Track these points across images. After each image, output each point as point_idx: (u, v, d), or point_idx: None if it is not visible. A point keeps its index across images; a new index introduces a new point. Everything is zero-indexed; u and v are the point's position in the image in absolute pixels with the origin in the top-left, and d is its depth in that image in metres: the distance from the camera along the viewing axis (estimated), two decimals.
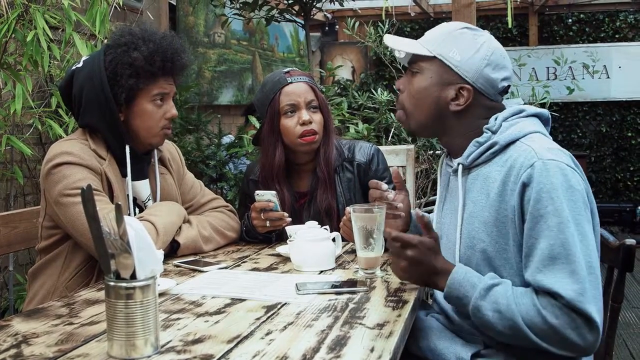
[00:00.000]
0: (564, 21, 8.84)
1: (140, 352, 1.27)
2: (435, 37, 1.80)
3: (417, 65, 1.81)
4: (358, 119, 4.28)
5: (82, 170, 2.05)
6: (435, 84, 1.77)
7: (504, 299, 1.57)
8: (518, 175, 1.60)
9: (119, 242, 1.27)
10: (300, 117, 2.41)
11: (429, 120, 1.81)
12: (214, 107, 5.93)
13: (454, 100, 1.76)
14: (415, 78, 1.81)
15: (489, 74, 1.73)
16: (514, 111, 1.76)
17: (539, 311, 1.52)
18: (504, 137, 1.69)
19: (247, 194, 2.59)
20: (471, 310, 1.61)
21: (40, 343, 1.37)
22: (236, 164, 4.21)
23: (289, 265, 2.08)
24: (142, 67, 2.11)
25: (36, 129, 3.31)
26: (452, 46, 1.75)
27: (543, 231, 1.55)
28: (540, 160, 1.58)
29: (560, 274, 1.51)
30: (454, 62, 1.74)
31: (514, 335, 1.57)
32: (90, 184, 1.32)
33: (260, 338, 1.38)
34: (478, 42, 1.75)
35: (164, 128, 2.21)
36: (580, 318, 1.50)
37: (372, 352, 1.29)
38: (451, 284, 1.64)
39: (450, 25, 1.82)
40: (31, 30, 2.85)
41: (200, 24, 6.00)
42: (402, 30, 8.90)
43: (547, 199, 1.55)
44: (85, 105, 2.15)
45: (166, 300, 1.69)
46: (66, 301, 1.71)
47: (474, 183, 1.74)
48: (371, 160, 2.51)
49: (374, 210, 1.90)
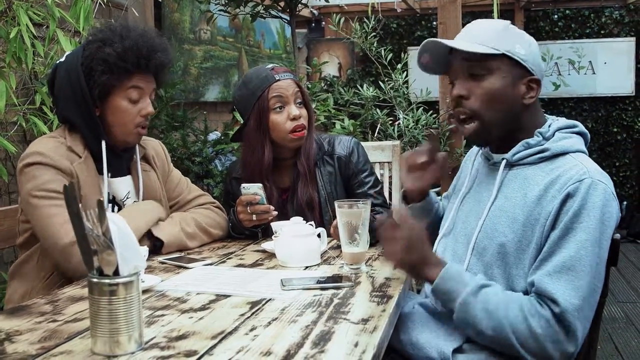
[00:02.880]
0: (550, 17, 8.86)
1: (124, 348, 1.27)
2: (494, 35, 1.75)
3: (485, 65, 1.74)
4: (344, 115, 4.29)
5: (51, 171, 2.05)
6: (509, 82, 1.74)
7: (494, 299, 1.61)
8: (565, 185, 1.63)
9: (102, 238, 1.26)
10: (289, 112, 2.42)
11: (506, 119, 1.77)
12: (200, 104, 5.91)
13: (527, 94, 1.76)
14: (485, 81, 1.74)
15: (540, 64, 1.78)
16: (569, 124, 1.79)
17: (525, 318, 1.56)
18: (557, 147, 1.72)
19: (230, 192, 2.59)
20: (458, 305, 1.63)
21: (23, 340, 1.36)
22: (222, 161, 4.20)
23: (274, 261, 2.08)
24: (115, 64, 2.10)
25: (20, 127, 3.29)
26: (515, 41, 1.74)
27: (569, 243, 1.59)
28: (591, 179, 1.62)
29: (566, 284, 1.56)
30: (522, 56, 1.73)
31: (496, 336, 1.60)
32: (72, 182, 1.31)
33: (245, 334, 1.38)
34: (526, 35, 1.79)
35: (139, 126, 2.19)
36: (564, 332, 1.54)
37: (356, 347, 1.29)
38: (444, 275, 1.65)
39: (495, 23, 1.79)
40: (14, 27, 2.83)
41: (186, 20, 5.97)
42: (389, 27, 8.90)
43: (585, 215, 1.59)
44: (63, 100, 2.16)
45: (151, 296, 1.69)
46: (50, 298, 1.71)
47: (513, 180, 1.76)
48: (351, 153, 2.52)
49: (359, 205, 1.91)
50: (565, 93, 8.39)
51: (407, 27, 9.06)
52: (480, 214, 1.79)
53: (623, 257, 6.35)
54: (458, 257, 1.81)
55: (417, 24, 9.04)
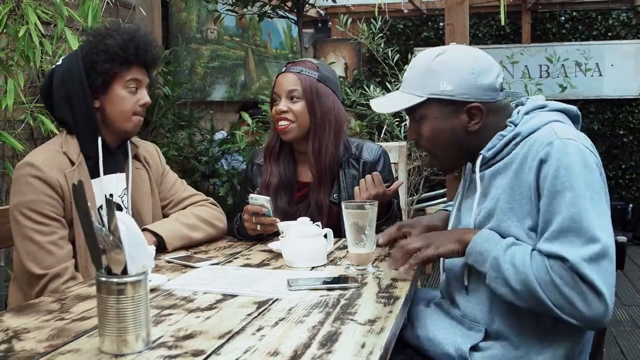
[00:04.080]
0: (557, 19, 8.85)
1: (131, 347, 1.27)
2: (418, 79, 1.79)
3: (417, 113, 1.80)
4: (351, 116, 4.29)
5: (38, 187, 2.07)
6: (444, 120, 1.77)
7: (520, 254, 1.59)
8: (536, 154, 1.62)
9: (110, 237, 1.27)
10: (277, 106, 2.47)
11: (457, 152, 1.82)
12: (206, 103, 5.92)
13: (469, 122, 1.76)
14: (423, 126, 1.81)
15: (483, 83, 1.74)
16: (537, 105, 1.77)
17: (547, 271, 1.54)
18: (526, 127, 1.71)
19: (249, 178, 2.62)
20: (489, 263, 1.63)
21: (31, 338, 1.37)
22: (228, 160, 4.21)
23: (280, 262, 2.08)
24: (117, 53, 2.17)
25: (28, 125, 3.30)
26: (438, 79, 1.74)
27: (559, 206, 1.57)
28: (559, 139, 1.61)
29: (570, 243, 1.53)
30: (449, 92, 1.73)
31: (526, 291, 1.57)
32: (81, 181, 1.32)
33: (252, 334, 1.38)
34: (456, 61, 1.75)
35: (137, 114, 2.25)
36: (586, 285, 1.50)
37: (363, 348, 1.29)
38: (477, 238, 1.68)
39: (424, 60, 1.79)
40: (23, 26, 2.84)
41: (193, 20, 5.98)
42: (395, 28, 8.90)
43: (564, 175, 1.57)
44: (59, 101, 2.21)
45: (158, 296, 1.69)
46: (57, 297, 1.71)
47: (495, 175, 1.75)
48: (377, 161, 2.53)
49: (366, 206, 1.91)
50: (572, 95, 8.37)
51: (413, 28, 9.07)
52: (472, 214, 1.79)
53: (629, 260, 6.33)
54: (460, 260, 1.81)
55: (424, 25, 9.05)
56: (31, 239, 2.03)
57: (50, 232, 2.06)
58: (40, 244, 2.03)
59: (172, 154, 3.87)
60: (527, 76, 8.16)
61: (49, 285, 2.00)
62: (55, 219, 2.08)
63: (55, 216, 2.08)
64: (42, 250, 2.03)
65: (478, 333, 1.74)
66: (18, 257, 2.08)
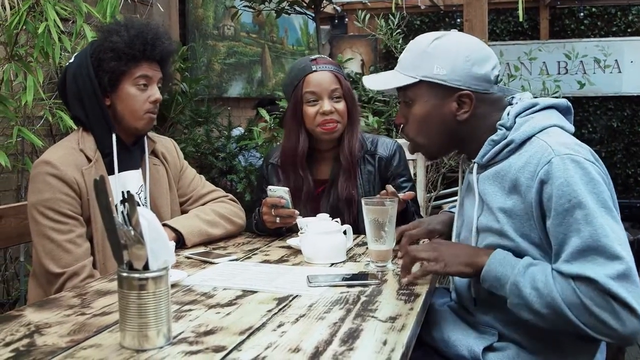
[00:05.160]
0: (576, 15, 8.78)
1: (152, 343, 1.27)
2: (412, 61, 1.76)
3: (408, 94, 1.78)
4: (368, 112, 4.27)
5: (55, 185, 2.07)
6: (434, 105, 1.74)
7: (541, 276, 1.53)
8: (535, 172, 1.57)
9: (132, 232, 1.27)
10: (321, 106, 2.42)
11: (444, 140, 1.79)
12: (223, 100, 5.93)
13: (459, 110, 1.73)
14: (412, 108, 1.78)
15: (477, 72, 1.71)
16: (527, 105, 1.72)
17: (574, 291, 1.48)
18: (519, 135, 1.66)
19: (264, 177, 2.60)
20: (509, 288, 1.57)
21: (52, 333, 1.37)
22: (246, 157, 4.20)
23: (299, 258, 2.07)
24: (123, 51, 2.16)
25: (47, 121, 3.31)
26: (432, 62, 1.71)
27: (571, 225, 1.51)
28: (558, 157, 1.55)
29: (591, 262, 1.48)
30: (441, 77, 1.71)
31: (553, 314, 1.52)
32: (102, 176, 1.31)
33: (272, 330, 1.38)
34: (453, 47, 1.72)
35: (148, 112, 2.23)
36: (617, 304, 1.45)
37: (384, 345, 1.28)
38: (492, 262, 1.61)
39: (420, 43, 1.77)
40: (42, 22, 2.85)
41: (210, 16, 5.99)
42: (412, 24, 8.87)
43: (569, 193, 1.51)
44: (72, 98, 2.21)
45: (177, 291, 1.69)
46: (78, 292, 1.71)
47: (489, 179, 1.71)
48: (393, 156, 2.51)
49: (386, 203, 1.89)
50: (591, 92, 8.32)
51: (430, 24, 9.04)
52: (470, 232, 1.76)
53: None
54: None
55: (441, 21, 9.01)
56: (49, 237, 2.04)
57: (68, 231, 2.06)
58: (58, 242, 2.03)
59: (190, 151, 3.87)
60: (545, 73, 8.11)
61: (66, 283, 2.00)
62: (72, 217, 2.08)
63: (72, 214, 2.08)
64: (59, 249, 2.03)
65: (492, 336, 1.72)
66: (36, 255, 2.09)
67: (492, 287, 1.63)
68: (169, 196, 2.38)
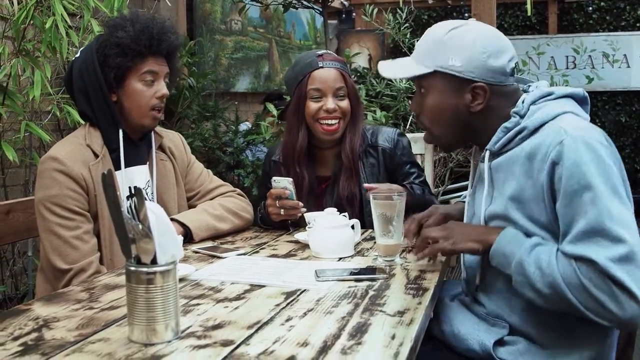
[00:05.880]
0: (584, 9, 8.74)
1: (160, 337, 1.26)
2: (428, 50, 1.75)
3: (422, 83, 1.77)
4: (376, 107, 4.26)
5: (62, 181, 2.07)
6: (447, 96, 1.73)
7: (545, 256, 1.54)
8: (547, 154, 1.56)
9: (140, 226, 1.26)
10: (325, 104, 2.40)
11: (457, 131, 1.78)
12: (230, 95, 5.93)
13: (473, 102, 1.72)
14: (426, 98, 1.77)
15: (493, 65, 1.69)
16: (542, 93, 1.71)
17: (576, 274, 1.48)
18: (533, 121, 1.65)
19: (268, 174, 2.59)
20: (514, 267, 1.58)
21: (61, 327, 1.37)
22: (253, 151, 4.20)
23: (307, 252, 2.07)
24: (128, 46, 2.14)
25: (54, 116, 3.32)
26: (448, 53, 1.70)
27: (578, 207, 1.51)
28: (570, 137, 1.54)
29: (596, 245, 1.48)
30: (456, 68, 1.69)
31: (554, 294, 1.52)
32: (110, 170, 1.31)
33: (281, 324, 1.37)
34: (469, 38, 1.70)
35: (154, 108, 2.21)
36: (617, 287, 1.45)
37: (393, 339, 1.28)
38: (501, 239, 1.62)
39: (436, 32, 1.75)
40: (49, 17, 2.85)
41: (217, 11, 5.98)
42: (420, 18, 8.85)
43: (578, 174, 1.50)
44: (78, 93, 2.20)
45: (185, 285, 1.69)
46: (86, 286, 1.72)
47: (501, 166, 1.71)
48: (396, 145, 2.49)
49: (394, 197, 1.89)
50: (599, 87, 8.28)
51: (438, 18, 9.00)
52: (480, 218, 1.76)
53: None
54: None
55: (449, 16, 8.98)
56: (56, 234, 2.04)
57: (75, 227, 2.06)
58: (65, 239, 2.03)
59: (197, 145, 3.87)
60: (553, 67, 8.08)
61: (73, 279, 2.00)
62: (79, 213, 2.08)
63: (79, 210, 2.08)
64: (66, 245, 2.03)
65: (502, 329, 1.71)
66: (43, 251, 2.09)
67: (500, 265, 1.64)
68: (175, 191, 2.37)
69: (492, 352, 1.68)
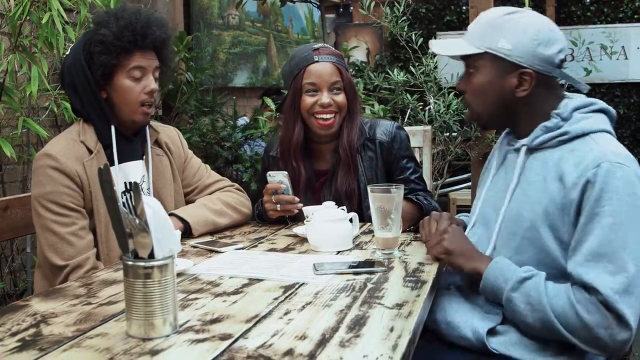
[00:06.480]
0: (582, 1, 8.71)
1: (158, 331, 1.26)
2: (480, 31, 1.78)
3: (471, 63, 1.80)
4: (374, 100, 4.26)
5: (57, 178, 2.07)
6: (494, 77, 1.76)
7: (535, 292, 1.59)
8: (584, 172, 1.60)
9: (137, 221, 1.26)
10: (320, 98, 2.39)
11: (499, 112, 1.81)
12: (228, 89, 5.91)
13: (518, 87, 1.75)
14: (473, 77, 1.80)
15: (543, 53, 1.71)
16: (586, 102, 1.75)
17: (572, 305, 1.54)
18: (576, 129, 1.69)
19: (267, 169, 2.58)
20: (504, 302, 1.65)
21: (59, 323, 1.37)
22: (252, 146, 4.19)
23: (306, 246, 2.07)
24: (112, 43, 2.12)
25: (52, 111, 3.31)
26: (499, 36, 1.73)
27: (595, 229, 1.55)
28: (609, 163, 1.58)
29: (602, 271, 1.52)
30: (505, 51, 1.72)
31: (545, 328, 1.59)
32: (107, 164, 1.31)
33: (279, 318, 1.37)
34: (523, 24, 1.73)
35: (144, 104, 2.19)
36: (613, 316, 1.51)
37: (391, 331, 1.28)
38: (488, 273, 1.68)
39: (491, 14, 1.79)
40: (46, 13, 2.85)
41: (215, 5, 5.97)
42: (418, 12, 8.82)
43: (606, 199, 1.55)
44: (71, 88, 2.20)
45: (184, 280, 1.69)
46: (84, 281, 1.71)
47: (534, 164, 1.74)
48: (393, 139, 2.48)
49: (392, 190, 1.89)
50: (597, 79, 8.26)
51: (436, 12, 8.97)
52: (504, 201, 1.78)
53: None
54: (484, 245, 1.80)
55: (447, 9, 8.94)
56: (52, 230, 2.04)
57: (70, 223, 2.06)
58: (61, 235, 2.03)
59: (195, 140, 3.86)
60: None
61: (70, 275, 2.00)
62: (74, 209, 2.08)
63: (74, 207, 2.08)
64: (62, 242, 2.03)
65: (495, 316, 1.73)
66: (40, 247, 2.09)
67: (492, 297, 1.71)
68: (172, 187, 2.37)
69: (485, 340, 1.69)
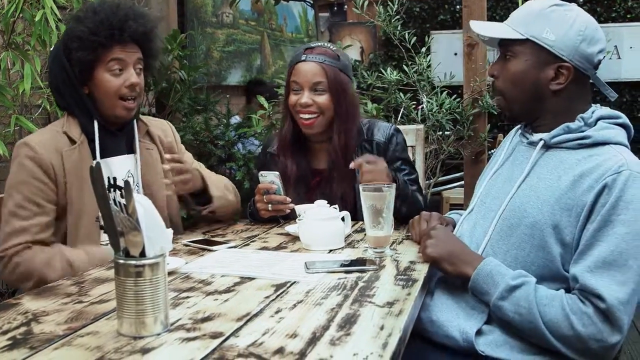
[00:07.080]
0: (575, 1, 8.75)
1: (150, 330, 1.27)
2: (525, 18, 1.77)
3: (510, 49, 1.78)
4: (367, 99, 4.26)
5: (30, 168, 2.05)
6: (532, 66, 1.75)
7: (525, 302, 1.60)
8: (602, 176, 1.59)
9: (128, 219, 1.26)
10: (300, 97, 2.40)
11: (529, 102, 1.80)
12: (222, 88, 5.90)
13: (554, 79, 1.74)
14: (510, 63, 1.79)
15: (585, 50, 1.71)
16: (612, 114, 1.76)
17: (567, 316, 1.55)
18: (598, 135, 1.69)
19: (264, 165, 2.58)
20: (492, 308, 1.66)
21: (50, 321, 1.37)
22: (245, 144, 4.19)
23: (298, 245, 2.07)
24: (88, 39, 2.10)
25: (45, 109, 3.30)
26: (545, 25, 1.72)
27: (607, 236, 1.55)
28: (629, 171, 1.58)
29: (610, 280, 1.53)
30: (549, 42, 1.71)
31: (535, 335, 1.60)
32: (99, 162, 1.31)
33: (270, 316, 1.38)
34: (570, 17, 1.72)
35: (125, 98, 2.17)
36: (609, 326, 1.52)
37: (382, 330, 1.28)
38: (477, 275, 1.68)
39: (539, 3, 1.78)
40: (39, 10, 2.84)
41: (209, 3, 5.96)
42: (411, 10, 8.83)
43: (622, 208, 1.55)
44: (53, 84, 2.21)
45: (175, 279, 1.69)
46: (75, 280, 1.71)
47: (548, 161, 1.74)
48: (390, 140, 2.47)
49: (384, 189, 1.89)
50: None
51: (430, 10, 9.00)
52: (509, 191, 1.77)
53: None
54: (480, 235, 1.80)
55: (440, 8, 8.97)
56: (7, 221, 2.03)
57: (27, 217, 2.03)
58: (13, 225, 2.01)
59: (189, 139, 3.85)
60: None
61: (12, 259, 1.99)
62: (38, 204, 2.05)
63: (39, 201, 2.05)
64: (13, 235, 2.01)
65: (481, 313, 1.72)
66: None
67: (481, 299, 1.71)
68: (163, 179, 2.35)
69: (474, 343, 1.69)
